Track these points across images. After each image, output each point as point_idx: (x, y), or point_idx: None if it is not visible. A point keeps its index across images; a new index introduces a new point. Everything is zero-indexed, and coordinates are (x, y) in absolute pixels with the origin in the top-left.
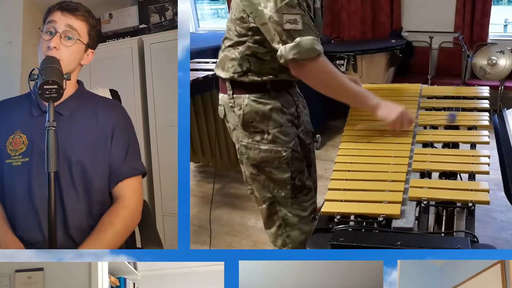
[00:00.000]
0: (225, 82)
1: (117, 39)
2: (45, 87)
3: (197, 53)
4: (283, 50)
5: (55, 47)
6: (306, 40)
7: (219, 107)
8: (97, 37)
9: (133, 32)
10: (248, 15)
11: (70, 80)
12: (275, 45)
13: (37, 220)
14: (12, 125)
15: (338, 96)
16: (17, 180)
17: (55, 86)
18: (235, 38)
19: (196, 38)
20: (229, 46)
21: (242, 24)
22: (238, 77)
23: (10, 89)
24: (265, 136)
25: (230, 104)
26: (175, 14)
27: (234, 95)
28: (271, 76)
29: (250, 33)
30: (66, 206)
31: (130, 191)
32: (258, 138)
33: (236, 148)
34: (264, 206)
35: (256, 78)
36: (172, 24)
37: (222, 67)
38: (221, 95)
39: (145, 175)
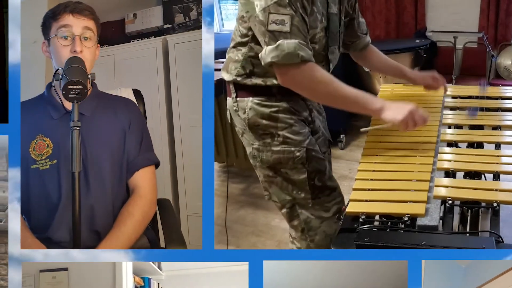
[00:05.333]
0: (229, 85)
1: (142, 39)
2: (69, 87)
3: (221, 53)
4: (263, 52)
5: (81, 51)
6: (289, 43)
7: (227, 112)
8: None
9: (157, 32)
10: (245, 14)
11: (94, 79)
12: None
13: (66, 220)
14: (32, 129)
15: (332, 104)
16: (47, 183)
17: (80, 86)
18: (238, 39)
19: (220, 38)
20: (233, 47)
21: (243, 23)
22: (241, 80)
23: (34, 88)
24: (275, 138)
25: (234, 108)
26: (200, 14)
27: (238, 98)
28: (275, 81)
29: (251, 33)
30: (94, 205)
31: (145, 181)
32: (268, 140)
33: (248, 152)
34: (284, 210)
35: (260, 82)
36: (196, 24)
37: (226, 69)
38: (227, 99)
39: (158, 165)
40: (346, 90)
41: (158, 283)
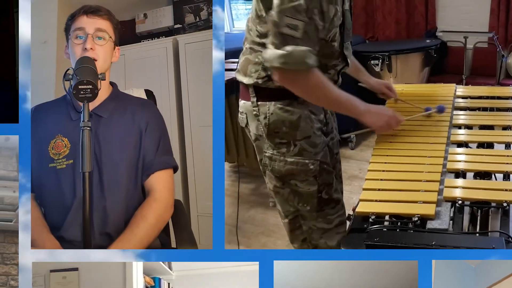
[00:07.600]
0: (247, 88)
1: (152, 39)
2: (79, 87)
3: (232, 53)
4: (271, 54)
5: (91, 48)
6: (299, 51)
7: (239, 115)
8: (119, 34)
9: (167, 32)
10: (265, 13)
11: (104, 80)
12: (267, 43)
13: (78, 219)
14: (52, 129)
15: (323, 105)
16: (63, 182)
17: (90, 86)
18: (257, 39)
19: (231, 38)
20: (251, 48)
21: (262, 23)
22: (263, 83)
23: (45, 89)
24: (291, 148)
25: (254, 112)
26: (210, 14)
27: (259, 102)
28: None
29: None
30: (108, 206)
31: (161, 184)
32: (284, 149)
33: (258, 159)
34: (286, 220)
35: None
36: (207, 24)
37: (244, 72)
38: (242, 102)
39: (176, 169)
40: (338, 93)
41: (169, 283)
